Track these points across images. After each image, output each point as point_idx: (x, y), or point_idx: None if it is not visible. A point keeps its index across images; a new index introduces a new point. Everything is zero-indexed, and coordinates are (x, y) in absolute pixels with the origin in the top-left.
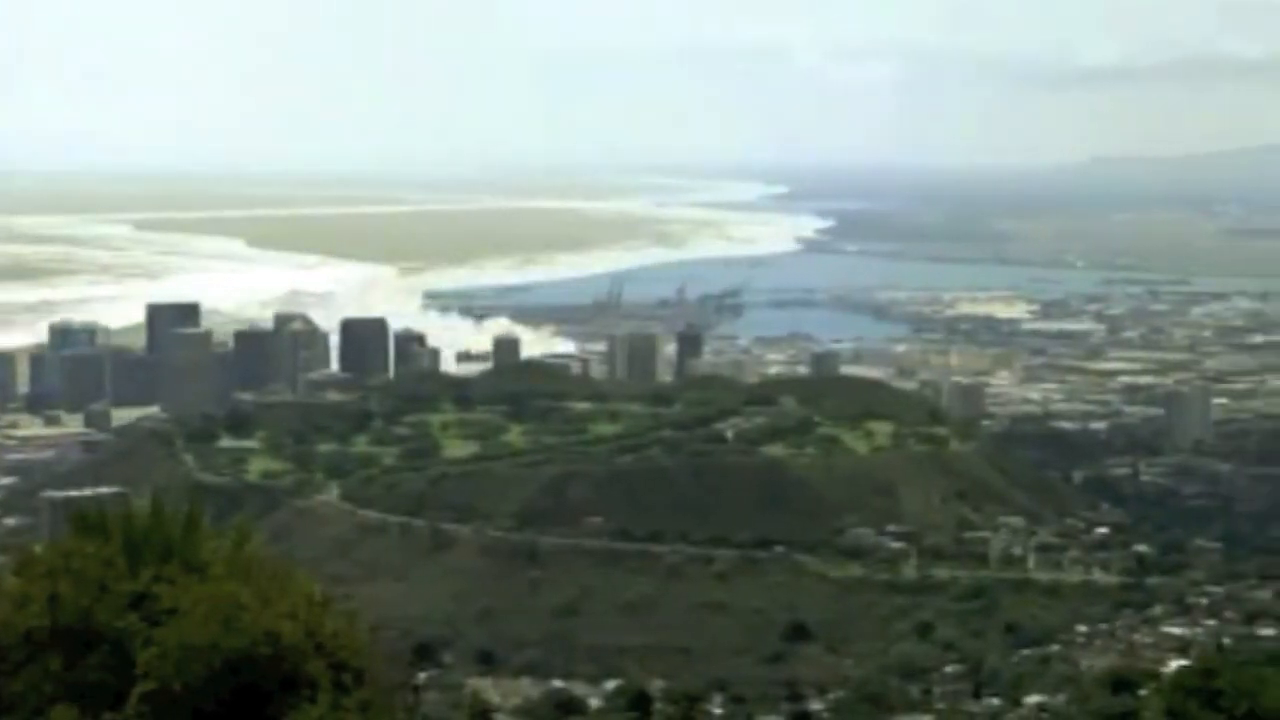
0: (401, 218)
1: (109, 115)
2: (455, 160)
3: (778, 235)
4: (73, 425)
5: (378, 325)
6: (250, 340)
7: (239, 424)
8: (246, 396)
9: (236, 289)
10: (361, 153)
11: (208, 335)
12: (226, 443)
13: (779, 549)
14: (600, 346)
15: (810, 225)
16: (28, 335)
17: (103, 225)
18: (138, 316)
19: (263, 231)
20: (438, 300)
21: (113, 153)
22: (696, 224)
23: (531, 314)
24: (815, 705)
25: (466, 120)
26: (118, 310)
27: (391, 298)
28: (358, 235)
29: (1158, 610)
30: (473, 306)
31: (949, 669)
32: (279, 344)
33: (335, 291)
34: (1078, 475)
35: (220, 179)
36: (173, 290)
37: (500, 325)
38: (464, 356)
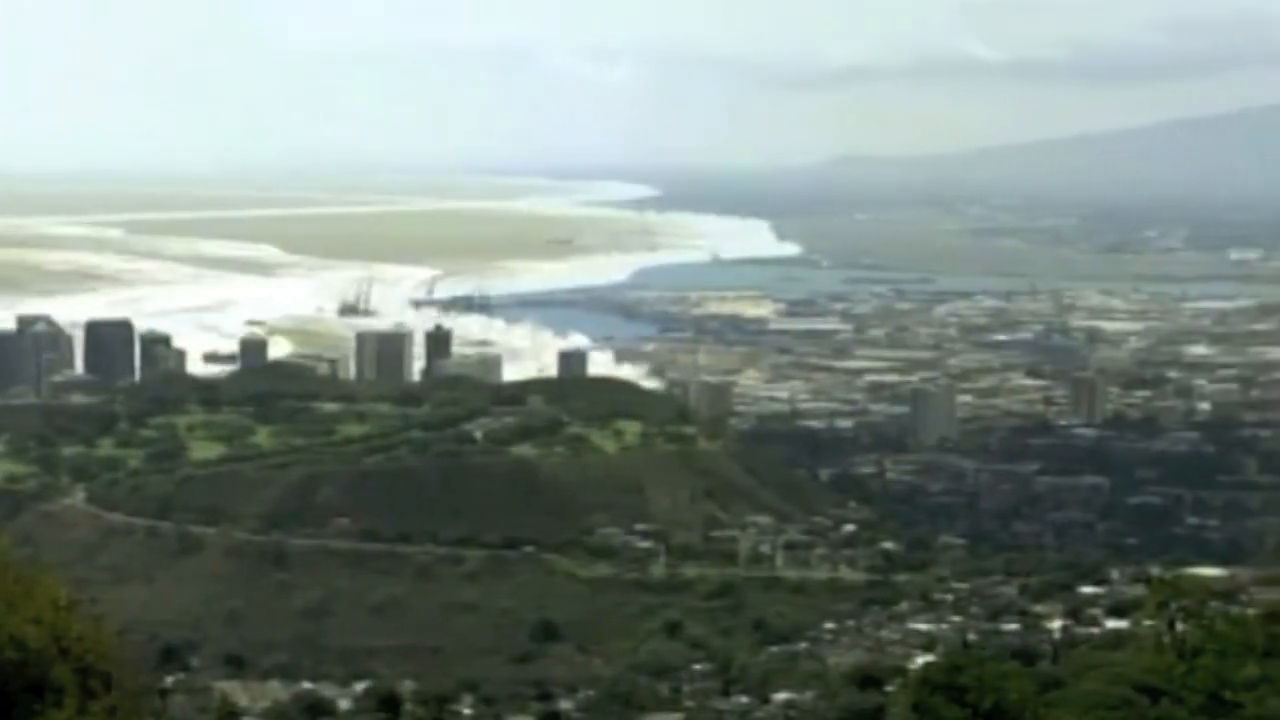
0: (362, 219)
1: None
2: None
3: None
4: None
5: (123, 327)
6: None
7: None
8: None
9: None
10: (133, 152)
11: None
12: None
13: (528, 549)
14: None
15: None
16: None
17: None
18: None
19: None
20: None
21: None
22: (665, 226)
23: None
24: (565, 704)
25: (208, 122)
26: None
27: None
28: (348, 237)
29: (904, 607)
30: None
31: (698, 667)
32: (21, 346)
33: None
34: (825, 473)
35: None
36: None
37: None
38: (210, 357)
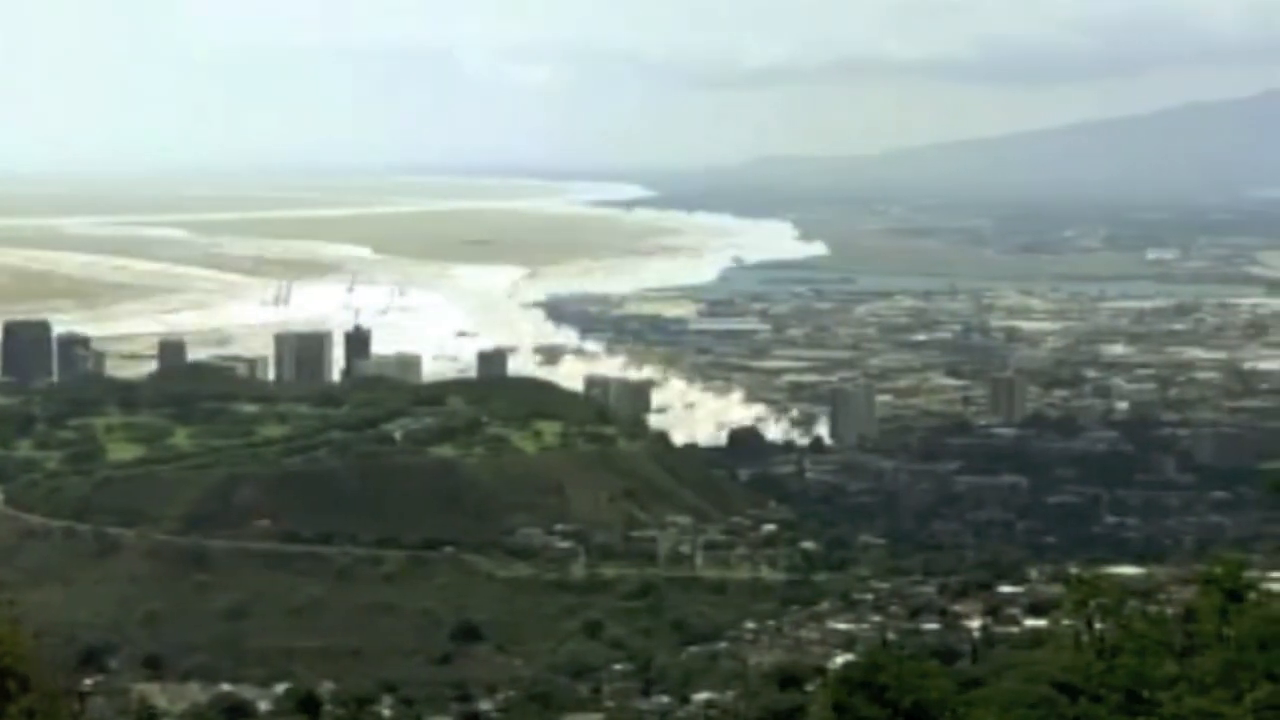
0: (400, 219)
1: None
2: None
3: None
4: None
5: (40, 328)
6: None
7: None
8: None
9: None
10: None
11: None
12: None
13: (448, 549)
14: None
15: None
16: None
17: None
18: None
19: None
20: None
21: None
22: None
23: None
24: (485, 705)
25: (125, 122)
26: None
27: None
28: (420, 236)
29: (824, 606)
30: None
31: (618, 667)
32: None
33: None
34: (744, 473)
35: None
36: None
37: None
38: (129, 357)
